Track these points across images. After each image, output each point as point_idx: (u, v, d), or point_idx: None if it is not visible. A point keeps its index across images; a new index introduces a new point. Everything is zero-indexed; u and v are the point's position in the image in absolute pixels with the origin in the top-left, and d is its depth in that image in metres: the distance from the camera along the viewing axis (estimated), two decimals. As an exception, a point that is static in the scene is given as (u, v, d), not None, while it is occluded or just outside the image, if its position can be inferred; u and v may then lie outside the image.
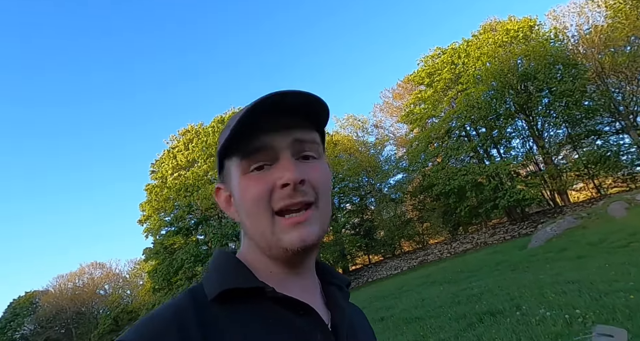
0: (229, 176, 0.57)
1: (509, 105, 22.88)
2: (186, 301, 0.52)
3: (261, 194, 0.52)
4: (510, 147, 24.03)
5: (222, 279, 0.53)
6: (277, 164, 0.53)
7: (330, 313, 0.58)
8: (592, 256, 7.42)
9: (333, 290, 0.62)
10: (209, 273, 0.57)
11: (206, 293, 0.53)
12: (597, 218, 10.92)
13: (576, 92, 19.39)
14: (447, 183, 22.61)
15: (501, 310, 5.09)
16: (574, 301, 4.29)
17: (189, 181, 26.79)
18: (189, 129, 30.44)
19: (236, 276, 0.53)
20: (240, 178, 0.54)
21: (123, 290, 38.08)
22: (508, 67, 21.64)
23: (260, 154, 0.53)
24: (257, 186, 0.52)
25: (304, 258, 0.57)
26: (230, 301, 0.51)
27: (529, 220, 21.78)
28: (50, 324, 34.33)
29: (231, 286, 0.51)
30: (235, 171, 0.55)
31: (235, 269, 0.55)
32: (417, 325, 6.09)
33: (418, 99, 26.61)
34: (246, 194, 0.53)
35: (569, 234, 10.81)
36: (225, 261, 0.58)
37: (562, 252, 8.94)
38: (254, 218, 0.53)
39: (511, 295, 6.03)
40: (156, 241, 27.09)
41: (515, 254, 11.42)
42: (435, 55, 26.36)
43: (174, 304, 0.51)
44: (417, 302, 8.25)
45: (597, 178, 22.93)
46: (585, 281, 5.18)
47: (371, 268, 27.38)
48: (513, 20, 24.31)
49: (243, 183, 0.53)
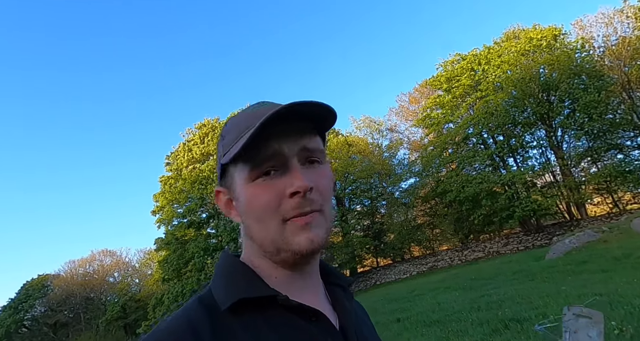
0: (232, 181, 0.57)
1: (529, 114, 22.60)
2: (199, 312, 0.51)
3: (271, 203, 0.53)
4: (527, 156, 23.72)
5: (234, 287, 0.53)
6: (285, 172, 0.53)
7: (337, 315, 0.59)
8: (617, 270, 7.28)
9: (337, 291, 0.63)
10: (218, 279, 0.56)
11: (217, 301, 0.52)
12: (620, 233, 10.71)
13: (601, 104, 19.05)
14: (461, 190, 22.41)
15: (527, 318, 5.04)
16: (607, 313, 4.21)
17: (203, 173, 27.03)
18: (205, 123, 30.73)
19: (248, 284, 0.53)
20: (246, 185, 0.54)
21: (132, 278, 38.58)
22: (530, 75, 21.37)
23: (269, 162, 0.53)
24: (267, 194, 0.53)
25: (310, 261, 0.57)
26: (243, 311, 0.51)
27: (543, 232, 21.46)
28: (60, 307, 34.96)
29: (245, 295, 0.51)
30: (240, 177, 0.55)
31: (246, 276, 0.55)
32: (437, 328, 6.06)
33: (436, 103, 26.44)
34: (255, 202, 0.53)
35: (589, 247, 10.62)
36: (233, 266, 0.57)
37: (583, 265, 8.79)
38: (263, 224, 0.54)
39: (534, 303, 5.96)
40: (168, 232, 27.40)
41: (532, 264, 11.26)
42: (455, 61, 26.18)
43: (185, 315, 0.50)
44: (433, 306, 8.20)
45: (616, 192, 22.51)
46: (615, 295, 5.09)
47: (380, 270, 27.28)
48: (537, 29, 23.98)
49: (251, 190, 0.54)
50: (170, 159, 30.39)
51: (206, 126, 30.36)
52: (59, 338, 34.66)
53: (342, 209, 27.93)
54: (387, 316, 8.48)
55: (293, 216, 0.52)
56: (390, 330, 7.06)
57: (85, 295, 35.27)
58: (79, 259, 37.64)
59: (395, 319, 7.78)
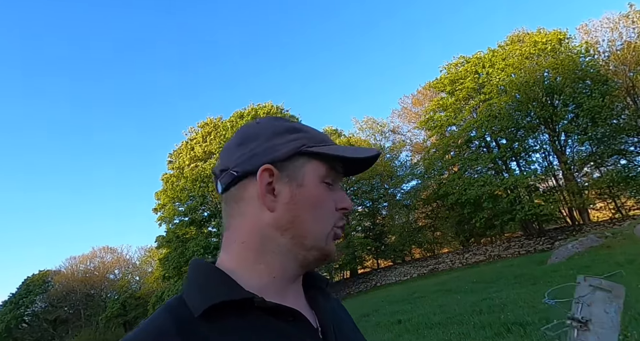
0: (300, 170, 0.58)
1: (532, 118, 22.56)
2: (168, 322, 0.49)
3: (332, 207, 0.60)
4: (530, 160, 23.69)
5: (208, 292, 0.52)
6: (337, 189, 0.62)
7: (315, 315, 0.60)
8: (621, 276, 7.25)
9: (314, 292, 0.64)
10: (190, 286, 0.55)
11: (190, 308, 0.51)
12: (624, 238, 10.68)
13: (605, 109, 19.01)
14: (463, 193, 22.38)
15: (530, 322, 5.02)
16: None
17: (205, 172, 27.05)
18: (208, 122, 30.75)
19: (222, 288, 0.52)
20: (318, 182, 0.59)
21: (132, 275, 38.63)
22: (534, 79, 21.33)
23: (335, 174, 0.61)
24: (330, 199, 0.60)
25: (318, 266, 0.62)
26: (217, 316, 0.50)
27: (545, 236, 21.40)
28: (60, 303, 34.99)
29: (218, 299, 0.50)
30: (314, 171, 0.59)
31: (220, 280, 0.54)
32: (438, 330, 6.05)
33: (439, 106, 26.43)
34: (322, 200, 0.59)
35: (592, 252, 10.60)
36: (205, 272, 0.56)
37: (586, 270, 8.74)
38: (321, 221, 0.58)
39: (537, 307, 5.94)
40: (169, 230, 27.43)
41: (534, 268, 11.25)
42: (459, 64, 26.18)
43: (153, 329, 0.49)
44: (435, 309, 8.19)
45: (619, 198, 22.45)
46: (619, 300, 5.06)
47: (380, 272, 27.26)
48: (542, 33, 23.95)
49: (321, 190, 0.59)
50: (173, 158, 30.44)
51: (209, 125, 30.38)
52: (59, 334, 34.71)
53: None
54: (388, 318, 8.47)
55: (338, 226, 0.61)
56: (392, 331, 7.06)
57: (85, 292, 35.32)
58: (79, 256, 37.76)
59: (397, 320, 7.78)
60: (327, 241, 0.58)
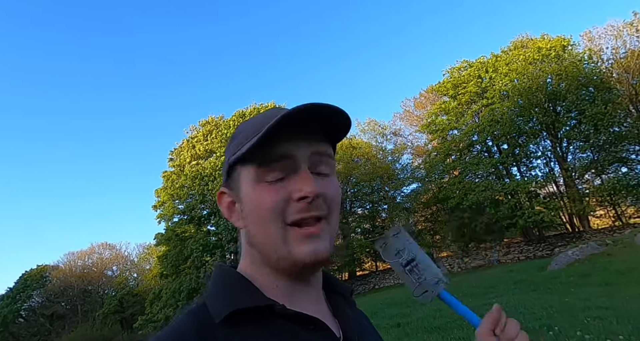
0: (237, 182, 0.55)
1: (534, 123, 22.56)
2: (189, 327, 0.49)
3: (276, 205, 0.51)
4: (531, 166, 23.68)
5: (229, 298, 0.51)
6: (294, 176, 0.52)
7: (338, 323, 0.57)
8: (621, 284, 7.25)
9: (338, 299, 0.62)
10: (212, 291, 0.55)
11: (212, 314, 0.50)
12: (624, 247, 10.66)
13: (607, 116, 19.01)
14: (463, 197, 22.36)
15: (531, 329, 5.00)
16: (613, 328, 4.20)
17: (205, 170, 27.06)
18: (209, 120, 30.77)
19: (244, 295, 0.52)
20: (253, 187, 0.53)
21: (130, 272, 38.62)
22: (537, 85, 21.33)
23: (279, 163, 0.52)
24: (273, 196, 0.51)
25: (313, 272, 0.56)
26: (239, 322, 0.49)
27: (545, 242, 21.39)
28: (57, 299, 34.99)
29: (240, 306, 0.49)
30: (247, 178, 0.54)
31: (241, 286, 0.53)
32: (438, 334, 6.04)
33: (441, 109, 26.42)
34: (260, 204, 0.52)
35: (592, 260, 10.58)
36: (228, 277, 0.56)
37: (586, 277, 8.75)
38: (266, 228, 0.52)
39: (537, 314, 5.93)
40: (168, 228, 27.43)
41: (534, 275, 11.23)
42: (462, 68, 26.19)
43: (176, 331, 0.49)
44: (434, 312, 8.15)
45: (619, 206, 22.44)
46: (621, 309, 5.06)
47: (378, 275, 27.23)
48: (546, 39, 23.97)
49: (257, 192, 0.52)
50: (174, 155, 30.45)
51: (210, 123, 30.40)
52: (55, 329, 34.66)
53: (343, 211, 27.93)
54: (387, 321, 8.45)
55: (295, 220, 0.51)
56: (390, 334, 7.03)
57: (83, 288, 35.30)
58: (78, 252, 37.76)
59: (396, 324, 7.76)
60: (287, 246, 0.51)
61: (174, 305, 24.04)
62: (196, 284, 24.27)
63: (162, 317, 23.93)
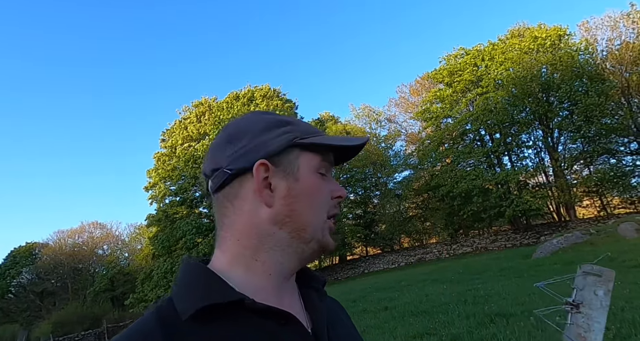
0: (293, 163, 0.58)
1: (527, 113, 22.70)
2: (154, 324, 0.48)
3: (327, 195, 0.60)
4: (522, 156, 23.94)
5: (197, 295, 0.51)
6: (329, 178, 0.62)
7: (309, 317, 0.58)
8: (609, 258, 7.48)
9: (310, 292, 0.63)
10: (179, 287, 0.54)
11: (178, 311, 0.50)
12: (607, 236, 10.96)
13: (600, 107, 19.18)
14: (454, 185, 22.61)
15: (513, 313, 5.18)
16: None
17: (198, 153, 26.87)
18: (202, 102, 30.33)
19: (212, 290, 0.51)
20: (313, 173, 0.59)
21: (121, 252, 38.73)
22: (531, 74, 21.35)
23: (328, 164, 0.62)
24: (326, 188, 0.60)
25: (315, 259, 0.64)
26: (206, 319, 0.49)
27: (532, 231, 21.86)
28: (47, 276, 35.06)
29: (207, 302, 0.49)
30: (309, 164, 0.59)
31: (209, 281, 0.53)
32: (423, 318, 6.22)
33: (436, 97, 26.38)
34: (318, 191, 0.59)
35: (576, 248, 10.88)
36: (195, 273, 0.55)
37: (569, 265, 8.96)
38: (317, 211, 0.58)
39: (520, 300, 6.12)
40: (159, 209, 27.39)
41: (519, 262, 11.52)
42: (459, 55, 26.03)
43: (140, 329, 0.48)
44: (421, 297, 8.38)
45: (605, 196, 22.91)
46: (599, 295, 5.24)
47: (368, 259, 27.69)
48: (543, 28, 23.85)
49: (317, 180, 0.59)
50: (166, 136, 30.12)
51: (203, 104, 29.98)
52: (46, 306, 34.87)
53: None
54: (375, 305, 8.66)
55: (332, 214, 0.60)
56: (378, 317, 7.22)
57: (73, 266, 35.35)
58: (68, 230, 37.64)
59: (383, 307, 7.96)
60: (323, 232, 0.59)
61: (166, 285, 24.26)
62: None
63: (154, 297, 24.16)
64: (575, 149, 22.39)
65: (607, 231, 11.62)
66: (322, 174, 0.60)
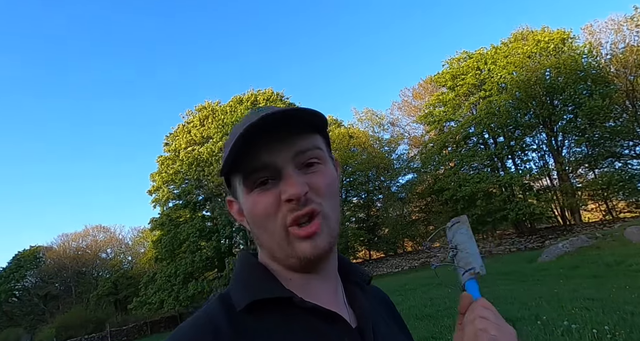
0: (236, 191, 0.58)
1: (531, 116, 22.65)
2: (219, 311, 0.53)
3: (269, 209, 0.53)
4: (526, 159, 23.87)
5: (251, 288, 0.54)
6: (281, 179, 0.54)
7: (354, 314, 0.59)
8: (609, 277, 7.42)
9: (354, 288, 0.63)
10: (236, 280, 0.58)
11: (234, 302, 0.54)
12: (613, 240, 10.87)
13: (604, 110, 19.11)
14: (458, 189, 22.54)
15: (520, 318, 5.14)
16: (599, 318, 4.32)
17: (202, 156, 26.97)
18: (206, 105, 30.49)
19: (264, 285, 0.54)
20: (245, 197, 0.56)
21: (125, 255, 38.74)
22: (535, 78, 21.31)
23: (261, 172, 0.54)
24: (264, 201, 0.54)
25: (321, 264, 0.58)
26: (259, 311, 0.52)
27: (536, 235, 21.71)
28: (51, 279, 35.11)
29: (261, 296, 0.52)
30: (240, 188, 0.57)
31: (263, 277, 0.56)
32: (429, 322, 6.17)
33: (439, 100, 26.38)
34: (255, 211, 0.55)
35: (582, 252, 10.78)
36: (250, 267, 0.59)
37: (575, 269, 8.94)
38: (267, 231, 0.55)
39: (527, 304, 6.07)
40: (163, 213, 27.44)
41: (524, 266, 11.45)
42: (461, 59, 26.05)
43: (207, 313, 0.53)
44: (426, 301, 8.33)
45: (610, 200, 22.74)
46: (607, 300, 5.20)
47: (372, 263, 27.58)
48: (546, 31, 23.84)
49: (250, 200, 0.55)
50: (169, 140, 30.25)
51: (206, 108, 30.13)
52: (49, 309, 34.87)
53: (338, 199, 28.06)
54: (379, 308, 8.60)
55: (292, 219, 0.53)
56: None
57: (77, 269, 35.40)
58: (72, 233, 37.73)
59: (388, 311, 7.90)
60: (290, 246, 0.54)
61: (169, 288, 24.23)
62: (192, 268, 24.42)
63: (157, 300, 24.13)
64: (580, 153, 22.27)
65: (614, 234, 11.52)
66: (261, 188, 0.54)
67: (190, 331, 0.50)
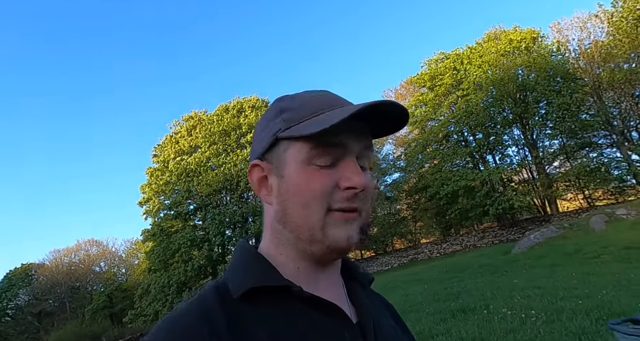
0: (282, 158, 0.54)
1: (507, 113, 23.47)
2: (214, 299, 0.51)
3: (325, 190, 0.51)
4: (505, 154, 24.70)
5: (247, 276, 0.53)
6: (344, 165, 0.53)
7: (355, 310, 0.58)
8: (565, 265, 8.05)
9: (356, 287, 0.62)
10: (233, 268, 0.57)
11: (230, 290, 0.52)
12: (579, 230, 11.55)
13: (572, 105, 19.97)
14: (440, 187, 23.24)
15: (472, 308, 5.72)
16: (534, 304, 4.91)
17: (190, 166, 27.28)
18: (193, 115, 30.79)
19: (261, 274, 0.53)
20: (303, 167, 0.52)
21: (118, 268, 38.76)
22: (508, 76, 22.14)
23: (332, 149, 0.52)
24: (322, 180, 0.52)
25: (339, 258, 0.57)
26: (256, 299, 0.51)
27: (517, 226, 22.48)
28: (45, 296, 35.00)
29: (256, 284, 0.51)
30: (296, 156, 0.53)
31: (260, 266, 0.55)
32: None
33: (419, 101, 27.09)
34: (309, 186, 0.52)
35: (550, 243, 11.45)
36: (248, 256, 0.57)
37: (540, 260, 9.57)
38: (308, 210, 0.52)
39: (484, 295, 6.65)
40: (154, 224, 27.66)
41: (499, 258, 12.06)
42: (439, 60, 26.79)
43: (200, 301, 0.51)
44: (402, 298, 8.87)
45: (587, 189, 23.63)
46: (550, 288, 5.80)
47: (362, 263, 28.12)
48: (518, 31, 24.71)
49: (307, 173, 0.52)
50: (158, 151, 30.48)
51: (193, 118, 30.42)
52: (44, 327, 34.75)
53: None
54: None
55: (340, 208, 0.52)
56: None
57: (70, 284, 35.33)
58: (64, 249, 37.67)
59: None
60: (323, 230, 0.51)
61: (163, 299, 24.49)
62: (185, 278, 24.70)
63: (152, 311, 24.37)
64: (554, 146, 23.17)
65: (580, 224, 12.22)
66: (321, 166, 0.52)
67: (184, 319, 0.48)
